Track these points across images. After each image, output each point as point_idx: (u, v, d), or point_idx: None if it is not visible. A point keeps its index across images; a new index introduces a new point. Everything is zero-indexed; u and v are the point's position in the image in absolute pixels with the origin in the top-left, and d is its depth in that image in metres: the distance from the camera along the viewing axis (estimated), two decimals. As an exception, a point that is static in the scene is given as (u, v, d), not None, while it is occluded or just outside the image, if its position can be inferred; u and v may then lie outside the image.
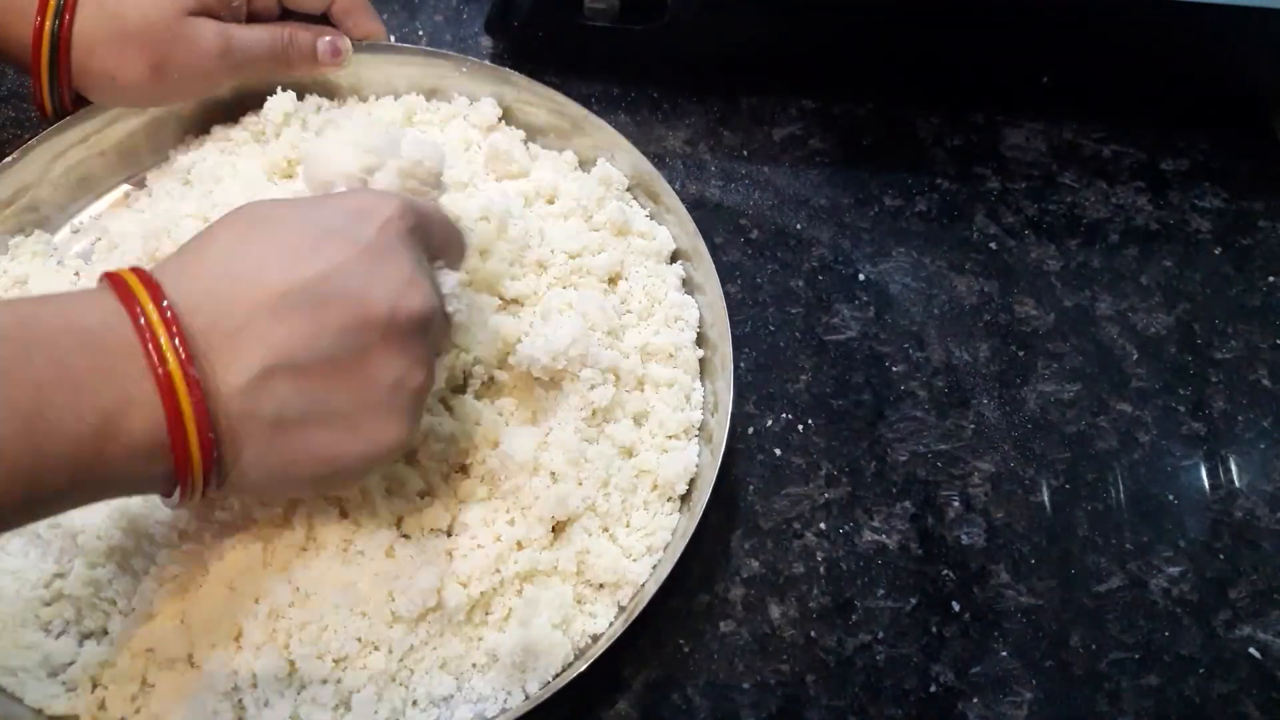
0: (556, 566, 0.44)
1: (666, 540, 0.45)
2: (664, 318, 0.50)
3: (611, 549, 0.45)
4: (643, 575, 0.44)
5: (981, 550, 0.50)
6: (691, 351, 0.50)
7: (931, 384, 0.54)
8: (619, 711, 0.45)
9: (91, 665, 0.41)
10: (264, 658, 0.40)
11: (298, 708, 0.40)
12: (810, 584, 0.48)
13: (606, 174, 0.53)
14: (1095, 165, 0.63)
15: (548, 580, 0.44)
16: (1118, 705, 0.46)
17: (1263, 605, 0.49)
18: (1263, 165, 0.64)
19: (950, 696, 0.46)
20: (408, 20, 0.64)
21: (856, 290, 0.57)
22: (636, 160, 0.53)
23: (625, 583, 0.44)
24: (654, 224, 0.54)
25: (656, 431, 0.48)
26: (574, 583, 0.44)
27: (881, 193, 0.61)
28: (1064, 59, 0.63)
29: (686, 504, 0.47)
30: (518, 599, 0.43)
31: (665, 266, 0.53)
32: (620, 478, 0.46)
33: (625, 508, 0.46)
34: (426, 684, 0.41)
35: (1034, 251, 0.59)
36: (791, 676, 0.46)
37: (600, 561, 0.44)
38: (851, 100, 0.64)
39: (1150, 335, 0.57)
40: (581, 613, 0.44)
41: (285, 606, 0.41)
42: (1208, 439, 0.54)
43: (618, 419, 0.47)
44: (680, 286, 0.52)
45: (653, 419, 0.48)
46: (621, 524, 0.46)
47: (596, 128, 0.53)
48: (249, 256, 0.34)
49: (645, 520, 0.46)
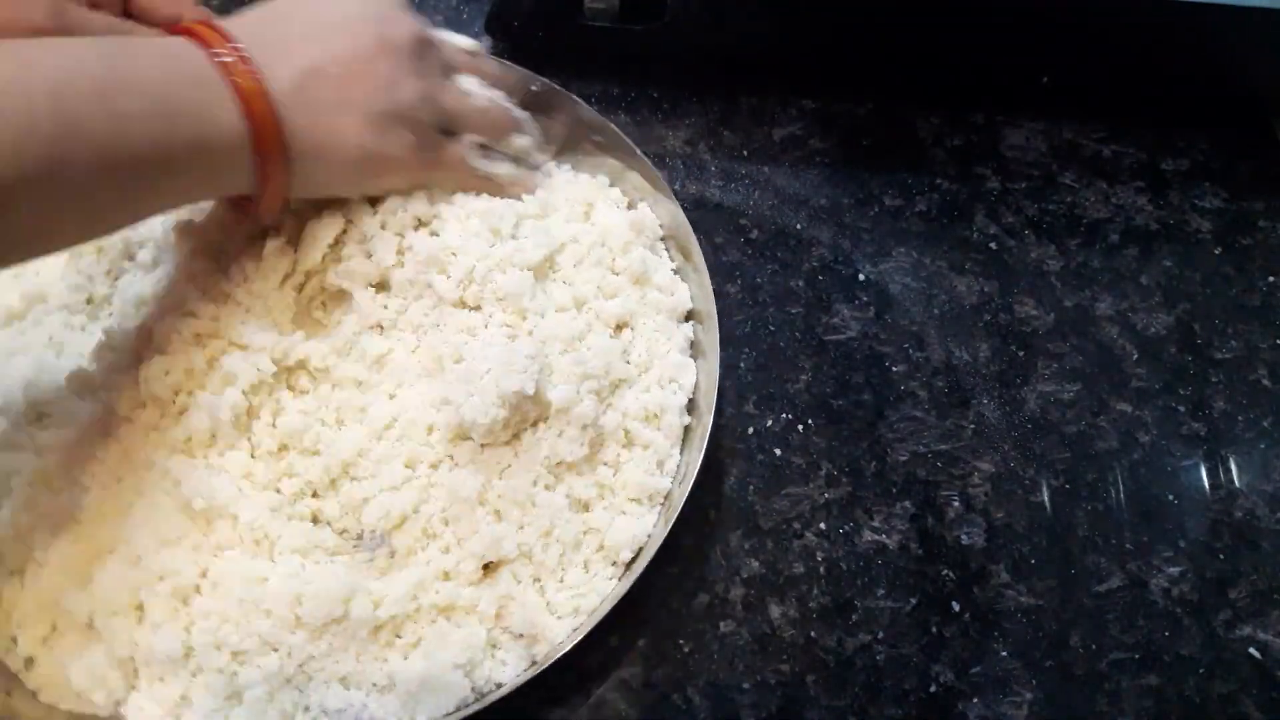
0: (477, 606, 0.43)
1: (595, 605, 0.44)
2: (659, 376, 0.49)
3: (537, 601, 0.43)
4: (560, 635, 0.43)
5: (981, 550, 0.50)
6: (678, 417, 0.48)
7: (931, 384, 0.54)
8: (619, 711, 0.45)
9: (9, 601, 0.42)
10: (163, 636, 0.41)
11: (189, 689, 0.40)
12: (810, 584, 0.48)
13: (640, 220, 0.52)
14: (1095, 165, 0.63)
15: (464, 618, 0.43)
16: (1118, 705, 0.46)
17: (1263, 605, 0.49)
18: (1263, 165, 0.64)
19: (950, 696, 0.46)
20: (408, 20, 0.64)
21: (856, 290, 0.57)
22: (675, 212, 0.51)
23: (542, 638, 0.43)
24: (676, 279, 0.52)
25: (619, 492, 0.46)
26: (491, 626, 0.43)
27: (881, 193, 0.61)
28: (1064, 59, 0.63)
29: (629, 571, 0.45)
30: (430, 628, 0.42)
31: (675, 324, 0.51)
32: (565, 531, 0.44)
33: (563, 562, 0.44)
34: (321, 694, 0.41)
35: (1034, 251, 0.59)
36: (791, 676, 0.46)
37: (521, 611, 0.43)
38: (851, 100, 0.64)
39: (1150, 335, 0.57)
40: (491, 658, 0.43)
41: (190, 590, 0.41)
42: (1208, 439, 0.54)
43: (582, 471, 0.46)
44: (686, 348, 0.50)
45: (619, 478, 0.46)
46: (555, 578, 0.44)
47: (644, 169, 0.52)
48: (293, 18, 0.44)
49: (580, 580, 0.44)
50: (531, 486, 0.45)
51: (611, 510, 0.46)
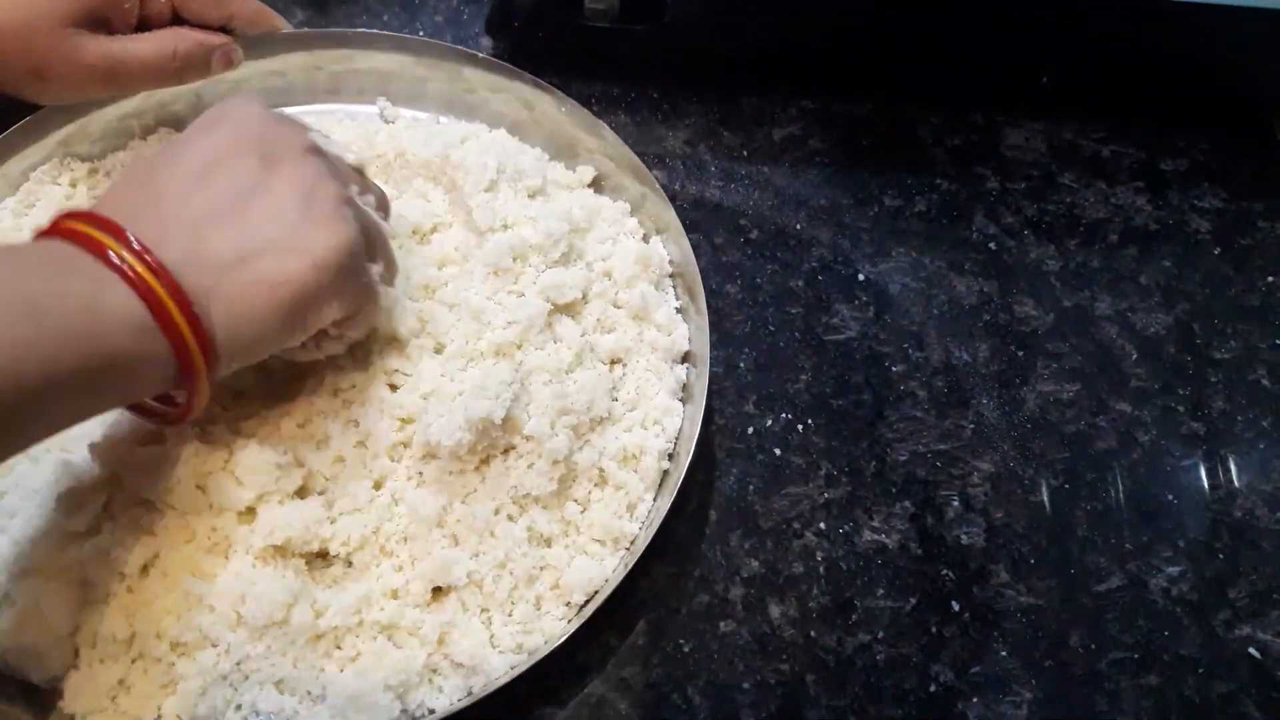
0: (420, 629, 0.42)
1: (539, 644, 0.43)
2: (644, 418, 0.48)
3: (481, 633, 0.43)
4: (498, 670, 0.42)
5: (981, 550, 0.50)
6: (657, 461, 0.47)
7: (931, 384, 0.54)
8: (619, 711, 0.45)
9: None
10: (107, 617, 0.40)
11: (129, 673, 0.40)
12: (810, 584, 0.48)
13: (650, 255, 0.51)
14: (1095, 165, 0.63)
15: (406, 639, 0.42)
16: (1117, 705, 0.46)
17: (1263, 605, 0.49)
18: (1263, 165, 0.64)
19: (950, 696, 0.46)
20: (408, 21, 0.64)
21: (856, 290, 0.57)
22: (687, 250, 0.51)
23: (481, 671, 0.42)
24: (677, 319, 0.51)
25: (584, 531, 0.45)
26: (431, 651, 0.42)
27: (881, 193, 0.61)
28: (1064, 59, 0.63)
29: (580, 613, 0.44)
30: (370, 645, 0.42)
31: (669, 365, 0.50)
32: (520, 565, 0.43)
33: (513, 597, 0.43)
34: (254, 695, 0.40)
35: (1034, 251, 0.59)
36: (791, 676, 0.46)
37: (464, 641, 0.42)
38: (851, 100, 0.64)
39: (1150, 335, 0.57)
40: (428, 683, 0.42)
41: (136, 575, 0.41)
42: (1207, 439, 0.54)
43: (548, 505, 0.45)
44: (676, 390, 0.49)
45: (586, 517, 0.45)
46: (504, 611, 0.43)
47: (663, 209, 0.52)
48: (161, 164, 0.39)
49: (528, 616, 0.43)
50: (493, 515, 0.44)
51: (573, 549, 0.45)
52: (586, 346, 0.48)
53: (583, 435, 0.46)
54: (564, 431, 0.45)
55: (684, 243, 0.51)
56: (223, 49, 0.51)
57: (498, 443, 0.44)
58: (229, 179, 0.38)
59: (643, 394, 0.49)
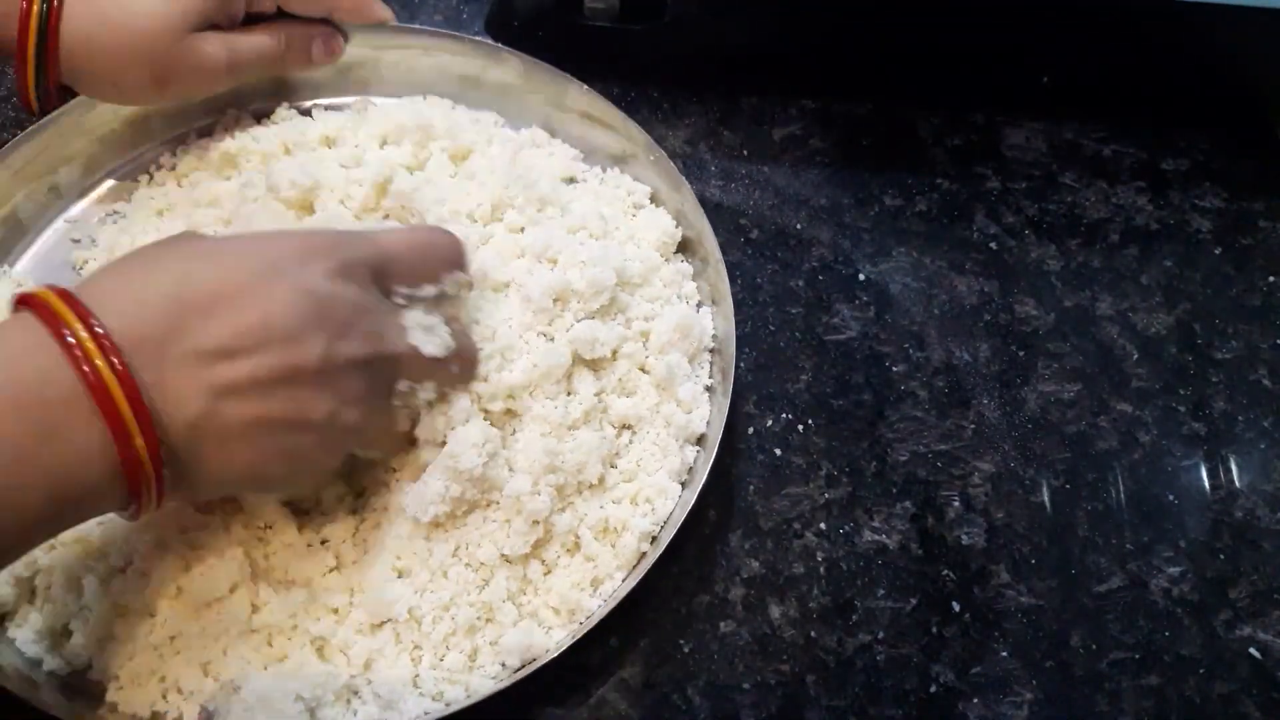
0: (349, 650, 0.42)
1: (459, 698, 0.41)
2: (636, 494, 0.45)
3: (406, 670, 0.42)
4: (412, 711, 0.41)
5: (981, 550, 0.50)
6: (636, 542, 0.44)
7: (931, 384, 0.54)
8: (619, 711, 0.44)
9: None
10: (60, 561, 0.42)
11: (73, 624, 0.41)
12: (810, 584, 0.48)
13: (691, 326, 0.48)
14: (1095, 165, 0.63)
15: (334, 656, 0.42)
16: (1118, 705, 0.46)
17: (1263, 605, 0.49)
18: (1263, 165, 0.63)
19: (950, 696, 0.46)
20: (408, 20, 0.64)
21: (856, 290, 0.57)
22: (730, 331, 0.48)
23: (395, 708, 0.41)
24: (703, 398, 0.48)
25: (541, 595, 0.44)
26: (355, 674, 0.42)
27: (881, 193, 0.61)
28: (1064, 59, 0.63)
29: (513, 676, 0.42)
30: (298, 651, 0.42)
31: (679, 445, 0.47)
32: (464, 613, 0.42)
33: (448, 643, 0.42)
34: (178, 672, 0.41)
35: (1034, 251, 0.59)
36: (791, 676, 0.46)
37: (388, 673, 0.41)
38: (851, 100, 0.64)
39: (1150, 335, 0.57)
40: (345, 705, 0.41)
41: (95, 531, 0.42)
42: (1208, 439, 0.54)
43: (513, 560, 0.43)
44: (680, 474, 0.46)
45: (548, 581, 0.44)
46: (435, 654, 0.42)
47: (719, 280, 0.50)
48: (189, 283, 0.34)
49: (457, 666, 0.42)
50: (450, 556, 0.43)
51: (524, 611, 0.43)
52: (599, 407, 0.46)
53: (567, 497, 0.44)
54: (547, 491, 0.43)
55: (730, 322, 0.48)
56: (323, 35, 0.53)
57: (477, 501, 0.43)
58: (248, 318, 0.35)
59: (643, 468, 0.46)
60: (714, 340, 0.50)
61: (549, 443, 0.43)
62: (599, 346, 0.46)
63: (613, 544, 0.45)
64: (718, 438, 0.46)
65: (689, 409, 0.48)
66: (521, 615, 0.43)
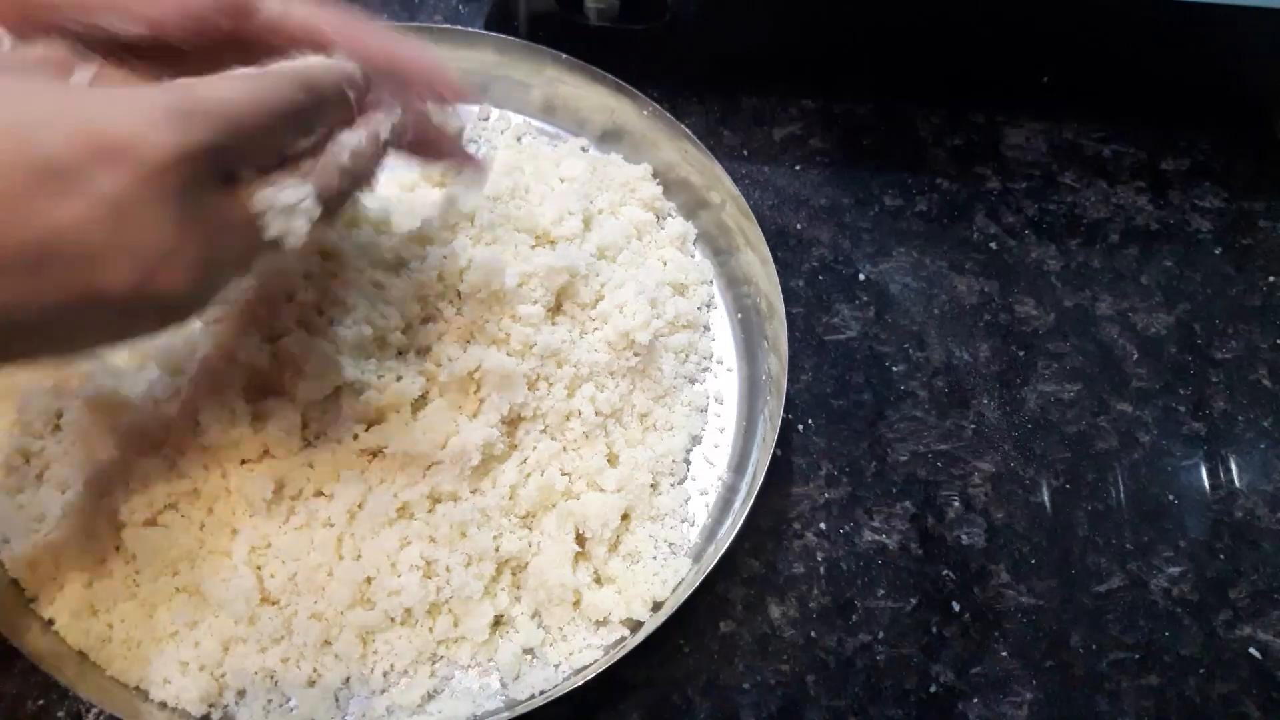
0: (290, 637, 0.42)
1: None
2: (642, 558, 0.45)
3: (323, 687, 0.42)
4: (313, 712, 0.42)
5: (981, 550, 0.50)
6: (627, 613, 0.44)
7: (931, 384, 0.54)
8: (619, 711, 0.44)
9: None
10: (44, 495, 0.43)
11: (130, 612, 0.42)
12: (810, 584, 0.48)
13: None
14: (1095, 165, 0.63)
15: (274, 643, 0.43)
16: (1118, 705, 0.46)
17: (1263, 605, 0.49)
18: (1263, 165, 0.63)
19: (950, 696, 0.46)
20: (408, 20, 0.64)
21: (856, 290, 0.57)
22: (771, 440, 0.46)
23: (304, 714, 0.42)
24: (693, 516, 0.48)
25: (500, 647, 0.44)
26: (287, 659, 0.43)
27: (881, 193, 0.61)
28: (1064, 59, 0.63)
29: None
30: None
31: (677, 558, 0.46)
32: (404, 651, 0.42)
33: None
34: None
35: (1034, 251, 0.59)
36: (791, 676, 0.46)
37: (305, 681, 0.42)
38: (851, 100, 0.64)
39: (1150, 335, 0.57)
40: (269, 686, 0.42)
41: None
42: (1208, 439, 0.54)
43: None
44: (688, 549, 0.46)
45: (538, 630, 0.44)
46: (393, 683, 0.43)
47: (777, 402, 0.48)
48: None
49: (410, 686, 0.42)
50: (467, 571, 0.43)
51: (451, 667, 0.43)
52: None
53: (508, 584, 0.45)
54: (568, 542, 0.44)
55: (771, 430, 0.47)
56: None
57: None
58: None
59: (655, 537, 0.46)
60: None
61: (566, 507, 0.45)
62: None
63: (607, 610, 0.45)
64: (721, 554, 0.44)
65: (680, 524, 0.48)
66: (456, 670, 0.44)
